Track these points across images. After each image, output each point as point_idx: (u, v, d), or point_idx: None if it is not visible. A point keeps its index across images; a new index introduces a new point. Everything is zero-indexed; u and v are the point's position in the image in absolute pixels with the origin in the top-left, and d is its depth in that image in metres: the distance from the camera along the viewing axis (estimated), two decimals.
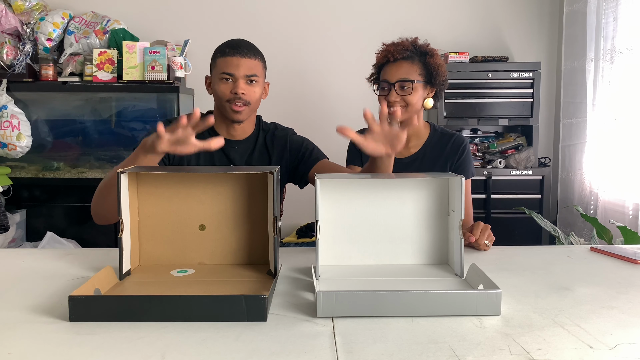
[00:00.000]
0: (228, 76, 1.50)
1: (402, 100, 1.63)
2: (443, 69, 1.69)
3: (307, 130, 1.82)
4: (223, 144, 1.17)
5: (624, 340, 0.79)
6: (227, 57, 1.51)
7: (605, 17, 2.81)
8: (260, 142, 1.64)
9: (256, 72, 1.53)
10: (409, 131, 1.71)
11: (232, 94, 1.50)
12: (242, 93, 1.50)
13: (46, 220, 3.09)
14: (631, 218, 2.61)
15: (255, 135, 1.64)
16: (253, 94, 1.53)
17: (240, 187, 1.14)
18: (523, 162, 3.15)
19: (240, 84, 1.50)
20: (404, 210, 1.17)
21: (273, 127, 1.68)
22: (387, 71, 1.65)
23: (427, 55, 1.67)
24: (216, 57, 1.55)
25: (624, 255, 1.28)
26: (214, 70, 1.56)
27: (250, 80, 1.52)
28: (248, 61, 1.51)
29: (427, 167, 1.69)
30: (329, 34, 3.45)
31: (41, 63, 3.05)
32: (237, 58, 1.50)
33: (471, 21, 3.47)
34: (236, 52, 1.51)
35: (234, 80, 1.51)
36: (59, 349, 0.76)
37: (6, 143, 2.94)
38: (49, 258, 1.29)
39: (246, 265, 1.15)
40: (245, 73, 1.50)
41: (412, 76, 1.63)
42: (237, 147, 1.61)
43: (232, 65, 1.50)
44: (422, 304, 0.87)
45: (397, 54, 1.64)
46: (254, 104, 1.55)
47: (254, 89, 1.53)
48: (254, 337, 0.79)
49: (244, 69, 1.50)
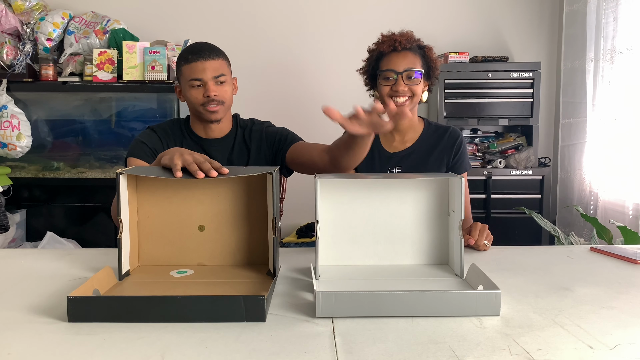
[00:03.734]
0: (197, 82, 1.54)
1: (409, 90, 1.61)
2: (438, 64, 1.71)
3: (305, 129, 1.82)
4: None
5: (624, 340, 0.79)
6: (191, 64, 1.54)
7: (605, 17, 2.81)
8: (239, 139, 1.67)
9: (223, 72, 1.56)
10: (404, 124, 1.72)
11: (205, 98, 1.54)
12: (214, 95, 1.53)
13: (46, 220, 3.09)
14: (631, 218, 2.61)
15: (234, 132, 1.67)
16: (224, 93, 1.57)
17: (239, 188, 1.14)
18: (523, 162, 3.15)
19: (211, 87, 1.53)
20: (403, 211, 1.17)
21: (250, 123, 1.71)
22: (393, 60, 1.63)
23: (425, 49, 1.68)
24: (181, 66, 1.57)
25: (624, 255, 1.28)
26: (181, 78, 1.59)
27: (219, 81, 1.55)
28: (213, 62, 1.54)
29: (423, 160, 1.69)
30: (328, 34, 3.45)
31: (41, 63, 3.05)
32: (201, 62, 1.53)
33: (471, 21, 3.47)
34: (199, 56, 1.53)
35: (204, 84, 1.54)
36: (58, 349, 0.76)
37: (6, 143, 2.94)
38: (49, 258, 1.29)
39: (245, 266, 1.15)
40: (212, 75, 1.54)
41: (418, 67, 1.63)
42: (217, 146, 1.64)
43: (198, 70, 1.53)
44: (421, 304, 0.87)
45: (405, 43, 1.62)
46: (227, 102, 1.59)
47: (224, 88, 1.57)
48: (254, 338, 0.79)
49: (210, 71, 1.53)
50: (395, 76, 1.61)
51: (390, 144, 1.73)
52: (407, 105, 1.63)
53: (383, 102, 1.67)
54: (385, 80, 1.64)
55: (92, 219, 3.11)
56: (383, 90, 1.64)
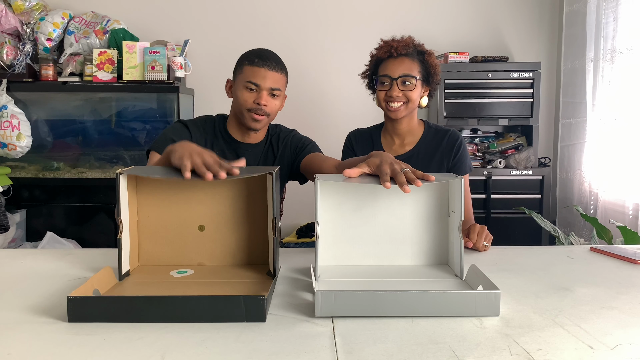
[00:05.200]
0: (253, 86, 1.53)
1: (403, 95, 1.63)
2: (438, 69, 1.72)
3: (306, 130, 1.82)
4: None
5: (624, 340, 0.79)
6: (255, 67, 1.53)
7: (605, 17, 2.81)
8: (268, 146, 1.68)
9: (280, 87, 1.56)
10: (404, 129, 1.73)
11: (255, 104, 1.54)
12: (264, 105, 1.53)
13: (46, 220, 3.09)
14: (631, 218, 2.61)
15: (265, 140, 1.68)
16: (274, 107, 1.57)
17: (239, 188, 1.14)
18: (523, 162, 3.15)
19: (264, 96, 1.53)
20: (403, 211, 1.17)
21: (278, 130, 1.72)
22: (389, 66, 1.65)
23: (424, 54, 1.68)
24: (243, 64, 1.56)
25: (624, 255, 1.28)
26: (239, 76, 1.57)
27: (273, 94, 1.55)
28: (274, 74, 1.54)
29: (423, 163, 1.69)
30: (328, 35, 3.45)
31: (41, 63, 3.05)
32: (264, 70, 1.53)
33: (471, 21, 3.47)
34: (265, 63, 1.53)
35: (258, 91, 1.54)
36: (58, 349, 0.76)
37: (6, 143, 2.94)
38: (48, 258, 1.29)
39: (245, 266, 1.15)
40: (270, 86, 1.54)
41: (414, 73, 1.63)
42: (251, 151, 1.64)
43: (259, 76, 1.53)
44: (421, 305, 0.87)
45: (400, 49, 1.64)
46: (272, 115, 1.59)
47: (275, 101, 1.57)
48: (254, 338, 0.79)
49: (270, 81, 1.53)
50: (390, 82, 1.63)
51: (390, 148, 1.74)
52: (401, 110, 1.65)
53: (380, 107, 1.71)
54: (381, 85, 1.67)
55: (92, 219, 3.11)
56: (379, 96, 1.67)
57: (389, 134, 1.76)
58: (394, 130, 1.74)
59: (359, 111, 3.24)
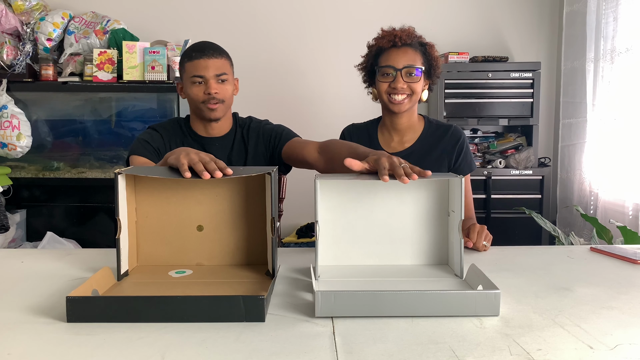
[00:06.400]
0: (199, 79, 1.56)
1: (408, 87, 1.58)
2: (440, 62, 1.67)
3: (306, 129, 1.82)
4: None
5: (624, 340, 0.79)
6: (194, 61, 1.56)
7: (605, 17, 2.81)
8: (238, 137, 1.69)
9: (225, 71, 1.58)
10: (404, 124, 1.69)
11: (206, 95, 1.56)
12: (215, 92, 1.55)
13: (46, 220, 3.09)
14: (631, 218, 2.61)
15: (233, 131, 1.69)
16: (225, 92, 1.59)
17: (238, 188, 1.14)
18: (523, 162, 3.15)
19: (212, 84, 1.55)
20: (403, 211, 1.17)
21: (248, 121, 1.73)
22: (392, 56, 1.58)
23: (426, 46, 1.64)
24: (184, 62, 1.60)
25: (624, 255, 1.28)
26: (184, 75, 1.61)
27: (220, 80, 1.57)
28: (216, 61, 1.56)
29: (422, 161, 1.63)
30: (328, 34, 3.45)
31: (41, 63, 3.05)
32: (204, 60, 1.55)
33: (471, 21, 3.47)
34: (203, 54, 1.56)
35: (205, 82, 1.56)
36: (58, 349, 0.76)
37: (6, 143, 2.94)
38: (48, 258, 1.29)
39: (244, 266, 1.15)
40: (214, 73, 1.56)
41: (418, 64, 1.58)
42: (218, 144, 1.66)
43: (201, 68, 1.55)
44: (421, 304, 0.87)
45: (405, 39, 1.58)
46: (227, 101, 1.61)
47: (225, 87, 1.59)
48: (254, 338, 0.79)
49: (212, 69, 1.56)
50: (394, 72, 1.57)
51: (389, 145, 1.70)
52: (405, 103, 1.60)
53: (381, 100, 1.66)
54: (383, 76, 1.60)
55: (92, 219, 3.11)
56: (381, 87, 1.61)
57: (387, 130, 1.71)
58: (393, 126, 1.68)
59: (359, 111, 3.24)
